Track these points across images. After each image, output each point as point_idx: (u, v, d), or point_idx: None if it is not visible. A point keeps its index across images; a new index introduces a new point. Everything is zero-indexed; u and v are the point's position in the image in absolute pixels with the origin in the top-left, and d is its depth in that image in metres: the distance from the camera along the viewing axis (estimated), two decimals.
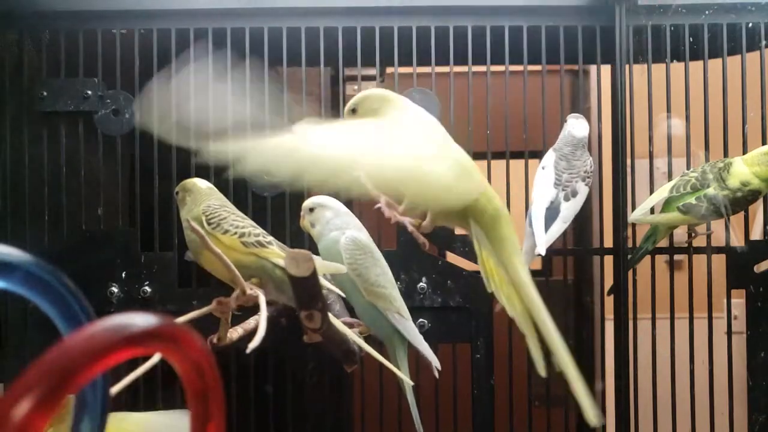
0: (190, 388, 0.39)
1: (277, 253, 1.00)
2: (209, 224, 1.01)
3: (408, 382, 1.05)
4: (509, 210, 1.25)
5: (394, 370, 1.01)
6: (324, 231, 1.06)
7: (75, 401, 0.44)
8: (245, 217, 1.06)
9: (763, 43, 1.26)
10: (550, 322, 0.67)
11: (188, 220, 0.98)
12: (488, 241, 0.71)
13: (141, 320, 0.36)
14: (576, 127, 1.23)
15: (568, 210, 1.19)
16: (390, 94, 0.75)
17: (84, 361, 0.33)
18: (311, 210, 1.08)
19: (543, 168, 1.23)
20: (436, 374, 1.09)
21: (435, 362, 1.07)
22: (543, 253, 1.18)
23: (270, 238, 1.03)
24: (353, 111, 0.75)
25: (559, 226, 1.19)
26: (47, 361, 0.33)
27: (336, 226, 1.06)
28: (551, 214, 1.19)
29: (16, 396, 0.31)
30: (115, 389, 0.66)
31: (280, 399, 1.27)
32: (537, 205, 1.20)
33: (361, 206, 1.16)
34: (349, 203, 1.11)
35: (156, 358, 0.79)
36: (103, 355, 0.34)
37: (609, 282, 1.27)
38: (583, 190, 1.20)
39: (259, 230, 1.03)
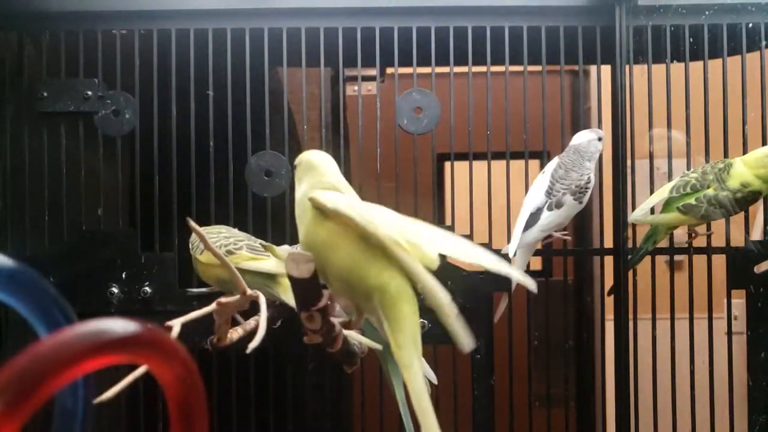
0: (172, 399, 0.38)
1: (245, 256, 1.05)
2: (192, 247, 1.11)
3: (401, 399, 1.05)
4: (509, 210, 1.27)
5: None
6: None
7: (56, 408, 0.43)
8: (222, 230, 1.12)
9: (763, 43, 1.26)
10: (431, 419, 0.65)
11: (189, 220, 0.99)
12: (387, 321, 0.69)
13: (119, 327, 0.34)
14: (577, 135, 1.23)
15: (547, 219, 1.20)
16: (317, 162, 0.76)
17: (55, 367, 0.32)
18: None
19: (543, 173, 1.23)
20: (429, 389, 1.08)
21: (432, 377, 1.07)
22: (510, 255, 1.20)
23: (241, 244, 1.06)
24: (294, 167, 0.79)
25: (535, 234, 1.20)
26: (16, 366, 0.32)
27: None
28: (534, 220, 1.20)
29: None
30: (110, 393, 0.65)
31: (280, 399, 1.27)
32: (523, 209, 1.22)
33: None
34: None
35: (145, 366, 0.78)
36: (76, 361, 0.33)
37: (609, 282, 1.27)
38: (569, 204, 1.20)
39: (231, 239, 1.07)
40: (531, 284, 0.72)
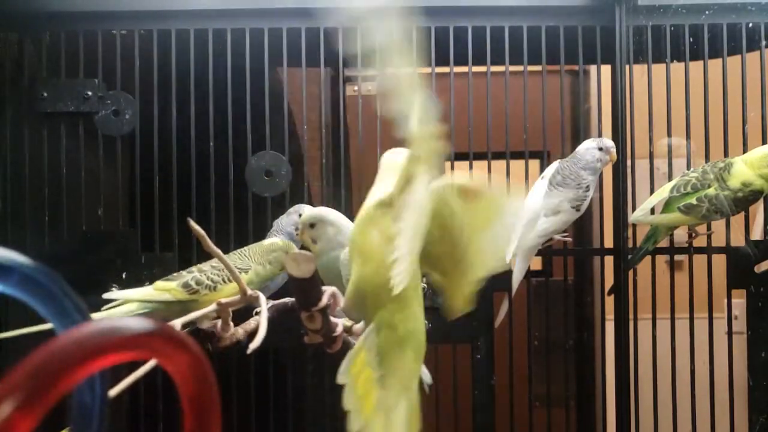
0: (186, 395, 0.38)
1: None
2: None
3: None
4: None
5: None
6: (326, 248, 1.01)
7: (73, 402, 0.43)
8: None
9: (763, 43, 1.26)
10: None
11: (189, 220, 0.97)
12: (382, 358, 0.63)
13: (134, 324, 0.35)
14: (584, 144, 1.23)
15: (544, 225, 1.20)
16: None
17: (71, 363, 0.32)
18: (312, 225, 1.02)
19: (542, 177, 1.23)
20: (427, 389, 1.08)
21: (427, 379, 1.07)
22: (506, 259, 1.19)
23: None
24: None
25: (532, 240, 1.21)
26: (33, 362, 0.32)
27: (339, 243, 0.99)
28: (531, 225, 1.20)
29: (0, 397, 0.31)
30: (113, 391, 0.66)
31: (280, 399, 1.27)
32: (522, 213, 1.21)
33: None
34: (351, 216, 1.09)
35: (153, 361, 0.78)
36: (92, 357, 0.33)
37: (609, 282, 1.27)
38: (566, 211, 1.20)
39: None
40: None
